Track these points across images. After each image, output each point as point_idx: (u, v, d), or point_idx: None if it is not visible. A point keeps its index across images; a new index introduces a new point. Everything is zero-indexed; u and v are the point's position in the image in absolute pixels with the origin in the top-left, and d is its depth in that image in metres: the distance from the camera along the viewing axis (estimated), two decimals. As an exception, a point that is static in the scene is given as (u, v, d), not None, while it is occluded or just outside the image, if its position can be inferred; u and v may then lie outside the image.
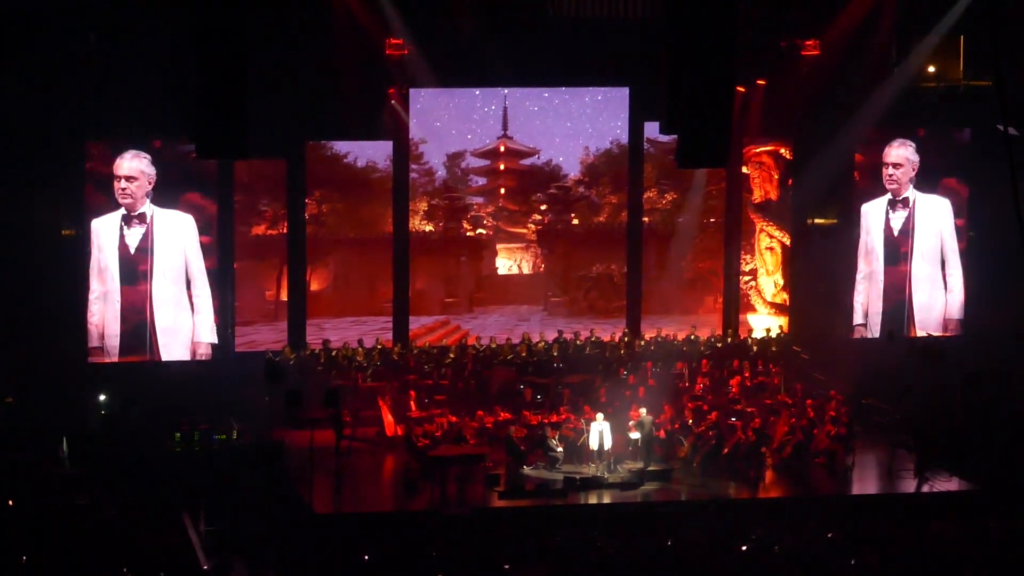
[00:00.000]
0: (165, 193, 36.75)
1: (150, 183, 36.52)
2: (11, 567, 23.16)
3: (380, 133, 38.58)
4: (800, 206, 40.73)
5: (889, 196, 40.54)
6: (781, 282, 41.01)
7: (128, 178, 36.36)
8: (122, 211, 36.42)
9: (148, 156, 36.40)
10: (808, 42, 38.90)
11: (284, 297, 38.69)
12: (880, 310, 40.62)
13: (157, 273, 36.83)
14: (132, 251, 36.59)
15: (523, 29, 37.86)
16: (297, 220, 38.43)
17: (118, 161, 36.34)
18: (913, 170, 40.56)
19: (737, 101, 37.18)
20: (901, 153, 40.43)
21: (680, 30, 24.76)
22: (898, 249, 40.72)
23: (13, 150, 35.16)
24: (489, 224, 40.45)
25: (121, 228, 36.49)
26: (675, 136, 26.08)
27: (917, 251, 40.85)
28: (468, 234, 40.36)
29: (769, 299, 41.16)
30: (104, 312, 36.43)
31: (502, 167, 40.18)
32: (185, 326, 37.11)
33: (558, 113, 40.15)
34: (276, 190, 38.59)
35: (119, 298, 36.55)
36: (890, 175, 40.51)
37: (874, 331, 40.54)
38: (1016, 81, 34.69)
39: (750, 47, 36.77)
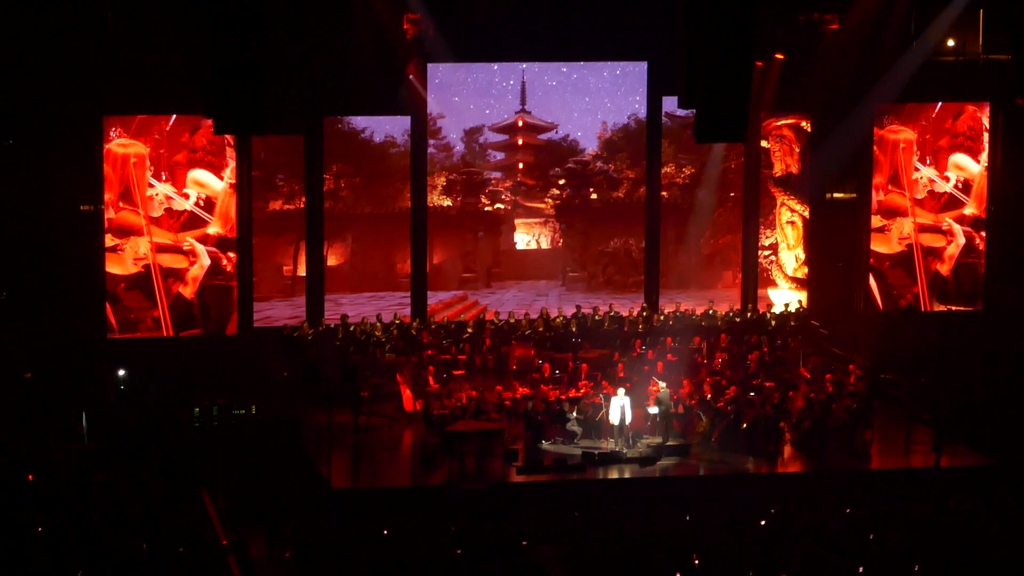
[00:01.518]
0: (181, 166, 36.86)
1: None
2: (29, 541, 23.25)
3: (398, 108, 38.56)
4: (819, 180, 40.64)
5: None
6: (802, 256, 40.94)
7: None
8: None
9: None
10: (827, 16, 38.75)
11: (301, 272, 38.72)
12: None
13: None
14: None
15: (541, 4, 37.76)
16: (315, 195, 38.45)
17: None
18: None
19: (755, 75, 37.13)
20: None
21: (698, 4, 24.66)
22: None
23: (31, 127, 35.28)
24: (507, 199, 40.45)
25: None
26: (693, 111, 26.01)
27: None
28: (486, 209, 40.36)
29: (790, 273, 41.11)
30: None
31: (520, 142, 40.16)
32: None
33: (576, 88, 40.12)
34: (292, 165, 38.61)
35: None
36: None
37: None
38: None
39: (768, 21, 36.69)
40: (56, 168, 35.55)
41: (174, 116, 36.51)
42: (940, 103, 40.45)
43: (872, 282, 40.48)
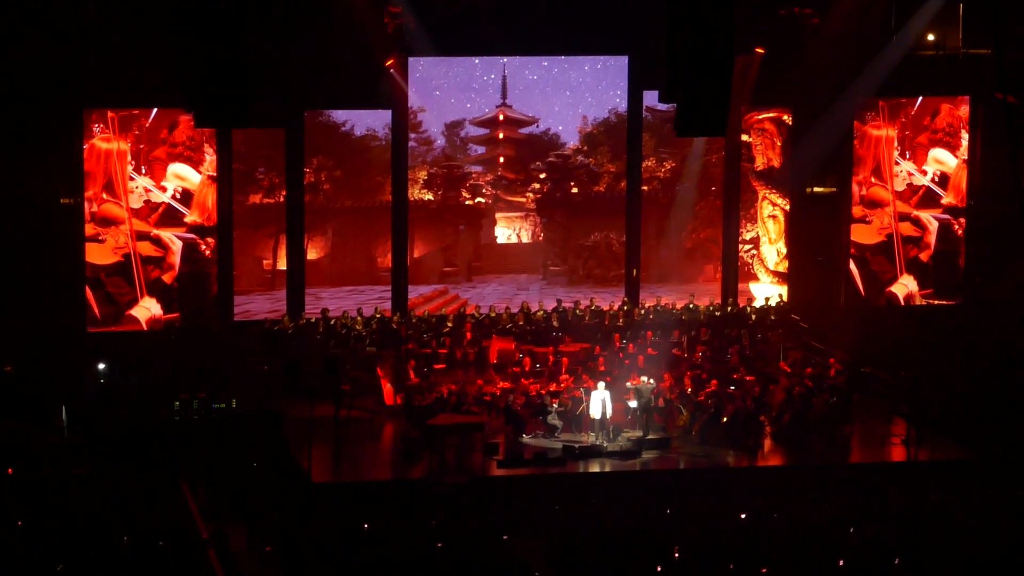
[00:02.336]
0: (160, 161, 36.81)
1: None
2: (10, 535, 23.20)
3: (379, 102, 38.46)
4: (799, 175, 40.67)
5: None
6: (784, 250, 40.96)
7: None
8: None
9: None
10: (808, 10, 38.78)
11: (281, 266, 38.65)
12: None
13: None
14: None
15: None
16: (295, 189, 38.36)
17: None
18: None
19: (736, 70, 37.10)
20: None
21: (679, -2, 24.66)
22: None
23: (12, 119, 35.15)
24: (488, 193, 40.43)
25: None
26: (674, 105, 26.02)
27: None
28: (467, 203, 40.34)
29: (772, 267, 41.13)
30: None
31: (501, 136, 40.14)
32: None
33: (557, 82, 40.11)
34: (273, 159, 38.54)
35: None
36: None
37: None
38: (1015, 49, 34.62)
39: (749, 15, 36.67)
40: (37, 161, 35.47)
41: (154, 112, 36.49)
42: (920, 99, 40.56)
43: (854, 268, 40.59)
